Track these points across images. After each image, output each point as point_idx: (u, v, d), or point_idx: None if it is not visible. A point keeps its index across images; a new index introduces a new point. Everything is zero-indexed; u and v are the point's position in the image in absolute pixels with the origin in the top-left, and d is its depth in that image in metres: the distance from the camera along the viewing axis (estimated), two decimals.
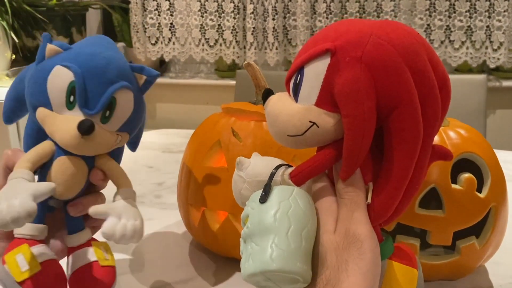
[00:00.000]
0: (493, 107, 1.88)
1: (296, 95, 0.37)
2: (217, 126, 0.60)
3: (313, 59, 0.36)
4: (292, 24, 1.94)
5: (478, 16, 1.79)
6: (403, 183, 0.35)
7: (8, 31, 1.60)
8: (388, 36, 0.34)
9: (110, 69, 0.43)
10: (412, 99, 0.34)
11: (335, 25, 0.37)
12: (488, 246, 0.53)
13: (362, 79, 0.33)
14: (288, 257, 0.33)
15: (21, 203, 0.37)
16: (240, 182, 0.39)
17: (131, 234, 0.42)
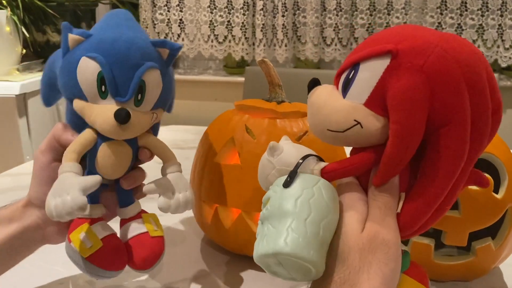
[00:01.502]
0: (504, 106, 1.86)
1: (345, 91, 0.36)
2: (230, 123, 0.59)
3: (372, 57, 0.35)
4: (301, 21, 1.93)
5: (490, 15, 1.77)
6: (436, 201, 0.34)
7: (19, 26, 1.60)
8: (453, 51, 0.33)
9: (133, 52, 0.45)
10: (465, 119, 0.33)
11: (399, 28, 0.36)
12: (504, 248, 0.53)
13: (420, 88, 0.32)
14: (303, 243, 0.32)
15: (72, 198, 0.40)
16: (269, 167, 0.38)
17: (184, 205, 0.46)
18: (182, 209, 0.46)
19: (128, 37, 0.45)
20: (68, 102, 0.47)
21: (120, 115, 0.43)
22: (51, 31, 1.77)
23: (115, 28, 0.46)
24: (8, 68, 1.62)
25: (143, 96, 0.45)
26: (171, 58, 0.48)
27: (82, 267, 0.45)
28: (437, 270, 0.54)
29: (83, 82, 0.44)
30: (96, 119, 0.44)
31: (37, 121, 1.59)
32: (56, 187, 0.41)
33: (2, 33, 1.57)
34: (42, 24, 1.75)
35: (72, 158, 0.44)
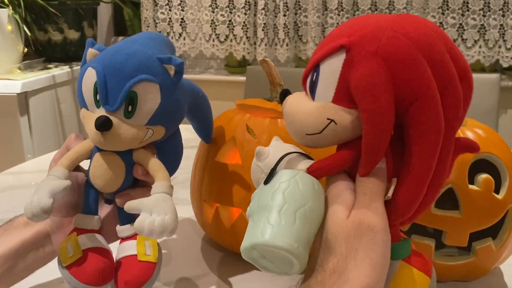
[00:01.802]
0: (505, 106, 1.86)
1: (313, 94, 0.37)
2: (231, 122, 0.59)
3: (328, 56, 0.35)
4: (303, 21, 1.93)
5: (491, 15, 1.77)
6: (426, 178, 0.34)
7: (20, 25, 1.60)
8: (404, 29, 0.34)
9: (129, 64, 0.44)
10: (431, 91, 0.33)
11: (351, 21, 0.37)
12: (505, 248, 0.53)
13: (379, 73, 0.33)
14: (277, 233, 0.33)
15: (38, 199, 0.41)
16: (258, 172, 0.40)
17: (160, 230, 0.41)
18: (157, 233, 0.41)
19: (132, 50, 0.45)
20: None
21: (98, 121, 0.42)
22: (52, 30, 1.77)
23: (129, 43, 0.47)
24: (9, 66, 1.63)
25: (134, 108, 0.44)
26: (178, 75, 0.46)
27: (62, 274, 0.45)
28: (438, 270, 0.53)
29: (85, 91, 0.45)
30: (86, 127, 0.45)
31: (39, 119, 1.59)
32: (36, 188, 0.43)
33: (4, 31, 1.57)
34: (44, 22, 1.75)
35: (63, 164, 0.46)
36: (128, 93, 0.43)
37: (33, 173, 0.96)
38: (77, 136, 0.49)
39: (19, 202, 0.64)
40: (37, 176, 0.93)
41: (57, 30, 1.78)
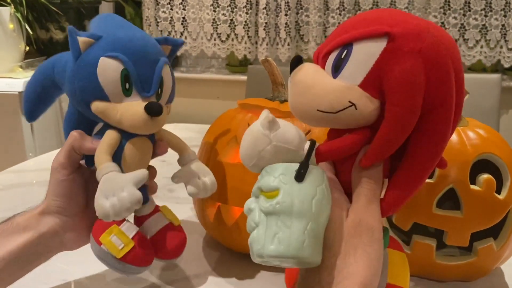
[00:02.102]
0: (506, 107, 1.86)
1: (336, 71, 0.35)
2: (233, 121, 0.60)
3: (367, 38, 0.34)
4: (304, 20, 1.93)
5: (493, 15, 1.77)
6: (422, 181, 0.35)
7: (22, 23, 1.60)
8: (441, 37, 0.34)
9: (149, 49, 0.47)
10: (452, 103, 0.34)
11: (388, 11, 0.36)
12: (506, 248, 0.53)
13: (420, 72, 0.33)
14: (318, 248, 0.33)
15: (129, 194, 0.41)
16: (263, 142, 0.34)
17: (211, 187, 0.51)
18: (210, 191, 0.51)
19: (141, 35, 0.47)
20: (83, 106, 0.46)
21: (153, 108, 0.44)
22: (54, 29, 1.77)
23: (121, 29, 0.47)
24: (11, 65, 1.63)
25: (161, 90, 0.47)
26: (172, 54, 0.51)
27: (114, 267, 0.46)
28: (439, 270, 0.54)
29: (106, 82, 0.44)
30: (123, 116, 0.44)
31: (40, 118, 1.59)
32: (106, 188, 0.42)
33: (6, 30, 1.57)
34: (46, 21, 1.75)
35: (107, 159, 0.45)
36: (160, 77, 0.46)
37: (34, 172, 0.96)
38: (80, 133, 0.47)
39: (20, 201, 0.64)
40: (38, 174, 0.93)
41: (58, 28, 1.78)
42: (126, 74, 0.44)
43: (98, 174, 0.44)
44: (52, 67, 0.48)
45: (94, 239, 0.47)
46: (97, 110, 0.45)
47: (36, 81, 0.50)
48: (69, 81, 0.46)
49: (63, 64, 0.47)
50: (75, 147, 0.47)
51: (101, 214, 0.42)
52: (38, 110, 0.51)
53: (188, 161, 0.51)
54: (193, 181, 0.50)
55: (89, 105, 0.45)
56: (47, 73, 0.49)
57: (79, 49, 0.44)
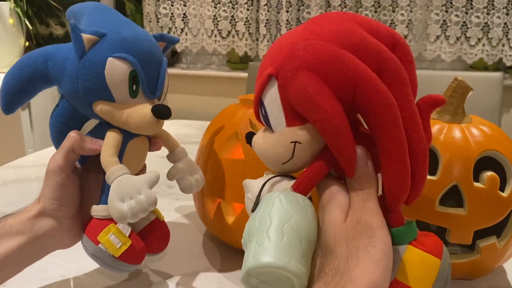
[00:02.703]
0: (508, 105, 1.86)
1: (269, 126, 0.39)
2: (234, 117, 0.59)
3: (264, 88, 0.38)
4: (306, 17, 1.92)
5: (495, 13, 1.76)
6: (402, 153, 0.34)
7: (22, 18, 1.60)
8: (314, 34, 0.35)
9: (154, 49, 0.46)
10: (364, 74, 0.34)
11: (269, 51, 0.39)
12: (509, 247, 0.52)
13: (309, 83, 0.34)
14: (267, 252, 0.33)
15: (146, 196, 0.43)
16: (249, 203, 0.41)
17: (202, 184, 0.54)
18: (200, 187, 0.53)
19: (144, 34, 0.46)
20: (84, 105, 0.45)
21: (161, 111, 0.44)
22: (54, 24, 1.77)
23: (124, 26, 0.46)
24: (11, 60, 1.62)
25: (162, 91, 0.48)
26: (165, 50, 0.51)
27: (110, 266, 0.46)
28: None
29: (113, 83, 0.43)
30: (129, 118, 0.45)
31: (39, 114, 1.59)
32: (121, 191, 0.42)
33: (5, 25, 1.57)
34: (46, 16, 1.75)
35: (116, 161, 0.45)
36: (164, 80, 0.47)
37: (33, 167, 0.95)
38: (79, 134, 0.46)
39: (19, 196, 0.64)
40: (38, 170, 0.92)
41: (58, 24, 1.77)
42: (134, 76, 0.44)
43: (109, 177, 0.43)
44: (45, 61, 0.46)
45: (89, 239, 0.46)
46: (101, 111, 0.45)
47: (22, 74, 0.46)
48: (70, 79, 0.44)
49: (62, 59, 0.45)
50: (75, 148, 0.45)
51: (118, 217, 0.42)
52: (18, 103, 0.48)
53: (180, 158, 0.52)
54: (186, 178, 0.52)
55: (91, 105, 0.45)
56: (37, 66, 0.46)
57: (83, 47, 0.43)
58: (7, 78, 0.47)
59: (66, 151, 0.45)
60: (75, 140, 0.45)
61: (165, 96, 0.50)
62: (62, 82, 0.45)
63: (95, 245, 0.45)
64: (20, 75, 0.46)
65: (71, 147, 0.45)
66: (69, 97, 0.46)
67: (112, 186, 0.43)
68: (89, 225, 0.47)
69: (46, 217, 0.46)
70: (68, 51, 0.45)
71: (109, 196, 0.43)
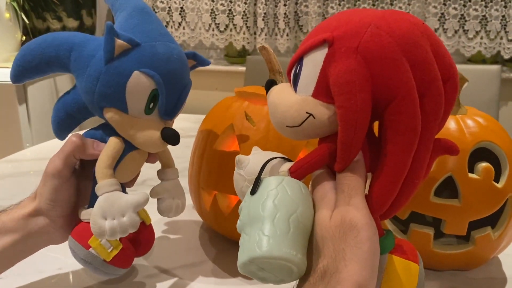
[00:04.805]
0: (506, 98, 1.86)
1: (295, 86, 0.37)
2: (230, 110, 0.59)
3: (312, 49, 0.36)
4: (303, 10, 1.92)
5: (493, 6, 1.76)
6: (399, 177, 0.34)
7: (19, 13, 1.59)
8: (388, 27, 0.33)
9: (184, 72, 0.46)
10: (410, 92, 0.33)
11: (337, 15, 0.37)
12: (504, 237, 0.52)
13: (357, 70, 0.33)
14: (274, 243, 0.32)
15: (129, 220, 0.42)
16: (240, 180, 0.40)
17: (181, 211, 0.52)
18: (178, 214, 0.52)
19: (178, 53, 0.45)
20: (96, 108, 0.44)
21: (171, 138, 0.45)
22: (51, 18, 1.76)
23: (160, 40, 0.44)
24: (7, 54, 1.62)
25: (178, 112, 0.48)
26: (192, 69, 0.51)
27: (99, 270, 0.45)
28: (436, 259, 0.54)
29: (132, 96, 0.42)
30: (137, 134, 0.44)
31: (37, 108, 1.59)
32: (106, 208, 0.42)
33: (2, 19, 1.56)
34: (42, 11, 1.74)
35: (110, 174, 0.44)
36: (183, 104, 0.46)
37: (31, 161, 0.95)
38: (81, 138, 0.45)
39: (17, 190, 0.64)
40: (35, 164, 0.92)
41: (55, 18, 1.77)
42: (155, 95, 0.43)
43: (99, 189, 0.43)
44: (69, 50, 0.44)
45: (79, 243, 0.45)
46: (111, 119, 0.43)
47: (43, 53, 0.44)
48: (90, 79, 0.43)
49: (87, 55, 0.43)
50: (76, 154, 0.45)
51: (97, 233, 0.42)
52: (28, 77, 0.47)
53: (169, 178, 0.51)
54: (168, 200, 0.51)
55: (103, 108, 0.44)
56: (61, 52, 0.44)
57: (113, 52, 0.41)
58: (26, 51, 0.45)
59: (66, 155, 0.45)
60: (76, 145, 0.45)
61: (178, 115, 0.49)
62: (81, 77, 0.44)
63: (86, 250, 0.44)
64: (40, 53, 0.45)
65: (71, 152, 0.45)
66: (83, 94, 0.45)
67: (99, 200, 0.42)
68: (77, 228, 0.46)
69: (40, 215, 0.46)
70: (95, 49, 0.43)
71: (94, 209, 0.42)
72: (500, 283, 0.54)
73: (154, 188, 0.51)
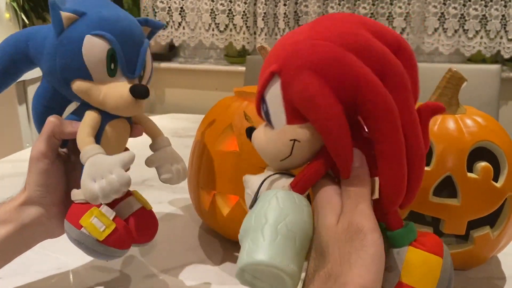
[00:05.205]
0: (506, 98, 1.86)
1: (270, 123, 0.39)
2: (229, 109, 0.59)
3: (267, 86, 0.37)
4: (303, 10, 1.92)
5: (493, 5, 1.76)
6: (399, 158, 0.34)
7: (18, 13, 1.59)
8: (320, 34, 0.35)
9: (135, 29, 0.46)
10: (366, 77, 0.33)
11: (273, 49, 0.39)
12: (503, 237, 0.53)
13: (311, 82, 0.34)
14: (259, 251, 0.33)
15: (118, 176, 0.41)
16: (248, 198, 0.41)
17: (183, 175, 0.51)
18: (181, 179, 0.50)
19: (125, 15, 0.46)
20: (62, 84, 0.45)
21: (139, 90, 0.44)
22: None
23: (105, 7, 0.45)
24: None
25: (144, 72, 0.47)
26: (150, 36, 0.50)
27: (94, 251, 0.45)
28: None
29: (90, 60, 0.43)
30: (106, 97, 0.44)
31: None
32: (93, 170, 0.42)
33: (2, 19, 1.56)
34: (42, 10, 1.74)
35: (91, 141, 0.44)
36: (145, 60, 0.46)
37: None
38: (57, 118, 0.45)
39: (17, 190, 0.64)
40: None
41: None
42: (112, 54, 0.43)
43: (83, 157, 0.43)
44: (26, 41, 0.46)
45: (71, 224, 0.45)
46: (78, 90, 0.44)
47: (4, 54, 0.46)
48: (49, 57, 0.44)
49: (41, 39, 0.45)
50: (55, 133, 0.45)
51: (90, 197, 0.41)
52: (3, 84, 0.48)
53: (162, 146, 0.51)
54: (166, 166, 0.50)
55: (69, 83, 0.44)
56: (19, 45, 0.46)
57: (62, 25, 0.43)
58: None
59: (47, 136, 0.45)
60: (55, 124, 0.45)
61: (149, 80, 0.49)
62: (42, 61, 0.45)
63: (78, 230, 0.44)
64: (2, 56, 0.46)
65: (51, 132, 0.45)
66: (48, 76, 0.46)
67: (85, 167, 0.42)
68: (69, 210, 0.46)
69: (32, 205, 0.46)
70: (48, 31, 0.45)
71: (82, 177, 0.42)
72: (499, 283, 0.54)
73: (149, 157, 0.49)
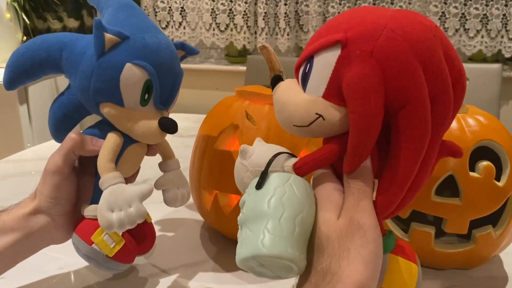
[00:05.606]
0: (507, 97, 1.86)
1: (304, 85, 0.36)
2: (230, 109, 0.59)
3: (323, 49, 0.34)
4: (304, 10, 1.92)
5: (494, 4, 1.75)
6: (407, 181, 0.34)
7: (19, 13, 1.59)
8: (403, 30, 0.33)
9: (174, 61, 0.46)
10: (422, 97, 0.32)
11: (349, 13, 0.36)
12: (505, 236, 0.52)
13: (371, 75, 0.32)
14: (279, 243, 0.32)
15: (136, 210, 0.42)
16: (243, 170, 0.39)
17: (187, 199, 0.53)
18: (184, 203, 0.52)
19: (166, 43, 0.46)
20: (92, 105, 0.44)
21: (168, 126, 0.45)
22: (51, 18, 1.76)
23: (148, 31, 0.45)
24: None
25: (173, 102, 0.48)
26: (182, 59, 0.51)
27: (103, 266, 0.45)
28: (437, 258, 0.54)
29: (126, 88, 0.43)
30: (135, 126, 0.44)
31: (38, 108, 1.59)
32: (112, 200, 0.42)
33: (3, 20, 1.56)
34: (43, 11, 1.74)
35: (112, 168, 0.44)
36: (177, 93, 0.47)
37: (32, 161, 0.96)
38: (79, 135, 0.45)
39: (18, 190, 0.64)
40: (36, 164, 0.93)
41: (56, 18, 1.77)
42: (148, 86, 0.43)
43: (103, 184, 0.43)
44: (60, 50, 0.45)
45: (82, 239, 0.45)
46: (108, 114, 0.44)
47: (33, 56, 0.45)
48: (83, 76, 0.43)
49: (78, 54, 0.44)
50: (75, 150, 0.45)
51: (106, 225, 0.42)
52: (22, 82, 0.47)
53: (172, 169, 0.52)
54: (173, 191, 0.51)
55: (98, 104, 0.44)
56: (51, 52, 0.45)
57: (103, 47, 0.42)
58: (17, 56, 0.46)
59: (66, 152, 0.45)
60: (76, 142, 0.45)
61: (173, 106, 0.49)
62: (74, 76, 0.45)
63: (88, 246, 0.45)
64: (31, 56, 0.45)
65: (71, 148, 0.45)
66: (78, 92, 0.45)
67: (104, 194, 0.42)
68: (80, 225, 0.46)
69: (41, 214, 0.46)
70: (86, 46, 0.44)
71: (100, 203, 0.42)
72: (501, 282, 0.54)
73: (158, 180, 0.51)
